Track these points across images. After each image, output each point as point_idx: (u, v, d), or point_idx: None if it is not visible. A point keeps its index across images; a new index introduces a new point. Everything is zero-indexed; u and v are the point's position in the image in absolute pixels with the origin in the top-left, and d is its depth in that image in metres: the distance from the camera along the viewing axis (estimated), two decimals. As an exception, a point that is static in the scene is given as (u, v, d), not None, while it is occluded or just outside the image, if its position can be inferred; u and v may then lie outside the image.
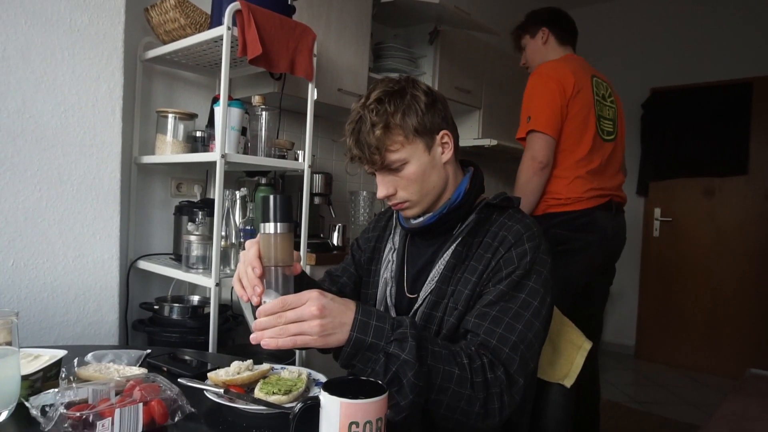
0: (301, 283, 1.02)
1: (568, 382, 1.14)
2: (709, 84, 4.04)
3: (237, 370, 0.98)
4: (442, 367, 0.85)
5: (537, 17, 2.26)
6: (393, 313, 1.10)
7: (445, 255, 1.04)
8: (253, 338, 0.82)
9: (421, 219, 1.08)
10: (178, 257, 2.01)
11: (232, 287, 2.09)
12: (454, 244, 1.04)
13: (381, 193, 1.05)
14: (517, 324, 0.92)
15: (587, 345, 1.16)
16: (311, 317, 0.79)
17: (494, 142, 3.30)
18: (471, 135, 3.40)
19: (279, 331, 0.80)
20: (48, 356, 0.94)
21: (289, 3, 1.93)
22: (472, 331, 0.94)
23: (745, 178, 3.90)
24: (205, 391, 0.91)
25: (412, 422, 0.86)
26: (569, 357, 1.16)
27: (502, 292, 0.95)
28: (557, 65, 2.07)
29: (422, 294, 1.05)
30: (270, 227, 0.86)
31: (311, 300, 0.80)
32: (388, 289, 1.13)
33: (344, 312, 0.82)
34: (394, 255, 1.15)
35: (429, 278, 1.05)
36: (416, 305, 1.05)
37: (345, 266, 1.26)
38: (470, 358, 0.88)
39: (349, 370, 0.88)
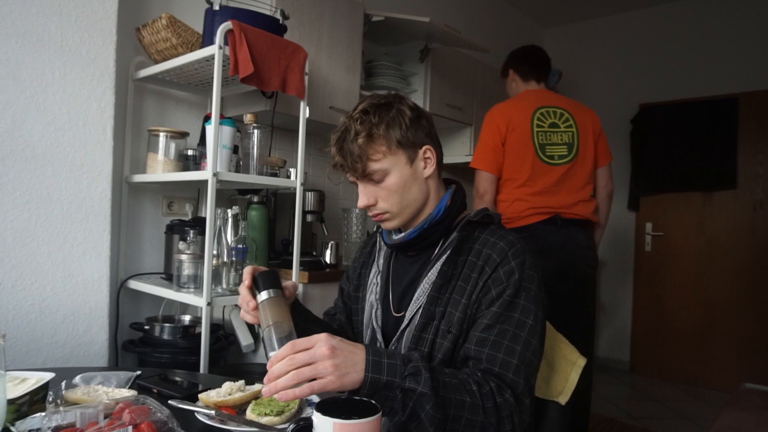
0: (297, 310, 1.05)
1: (563, 399, 1.13)
2: (696, 99, 4.10)
3: (229, 390, 0.96)
4: (454, 396, 0.84)
5: (506, 61, 2.60)
6: (379, 335, 1.10)
7: (429, 274, 1.04)
8: (266, 391, 0.78)
9: (402, 234, 1.09)
10: (169, 276, 1.99)
11: (224, 306, 2.09)
12: (439, 263, 1.04)
13: (362, 202, 1.06)
14: (516, 346, 0.93)
15: (581, 361, 1.16)
16: (323, 358, 0.77)
17: (486, 159, 3.32)
18: (462, 151, 3.42)
19: (293, 376, 0.76)
20: (35, 379, 0.93)
21: (281, 22, 1.94)
22: (474, 358, 0.94)
23: (734, 192, 3.94)
24: (196, 413, 0.90)
25: None
26: (564, 374, 1.15)
27: (497, 314, 0.95)
28: (500, 108, 2.38)
29: (408, 314, 1.04)
30: (263, 295, 0.94)
31: (321, 341, 0.79)
32: (374, 311, 1.12)
33: (354, 352, 0.81)
34: (379, 277, 1.15)
35: (414, 297, 1.04)
36: (403, 324, 1.05)
37: (336, 302, 1.27)
38: (479, 385, 0.88)
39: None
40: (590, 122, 2.38)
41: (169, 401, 0.91)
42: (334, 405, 0.68)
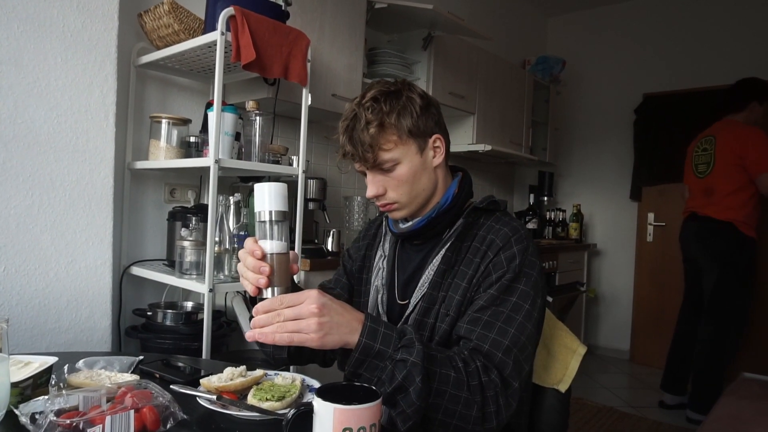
0: None
1: (563, 387, 1.14)
2: (700, 89, 4.06)
3: (230, 376, 0.97)
4: (439, 369, 0.84)
5: None
6: (384, 320, 1.10)
7: (434, 260, 1.04)
8: (249, 336, 0.81)
9: (410, 223, 1.08)
10: (171, 263, 2.00)
11: (226, 293, 2.10)
12: (443, 250, 1.04)
13: (371, 192, 1.04)
14: (509, 328, 0.92)
15: (582, 349, 1.16)
16: (309, 315, 0.79)
17: (488, 147, 3.31)
18: (465, 140, 3.41)
19: (276, 329, 0.79)
20: (38, 363, 0.93)
21: (283, 8, 1.93)
22: (464, 337, 0.94)
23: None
24: (197, 398, 0.90)
25: None
26: (564, 361, 1.16)
27: (493, 296, 0.95)
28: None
29: (413, 300, 1.05)
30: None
31: (310, 298, 0.80)
32: (380, 296, 1.12)
33: (342, 314, 0.82)
34: (385, 262, 1.14)
35: (419, 284, 1.05)
36: (407, 311, 1.05)
37: (337, 277, 1.25)
38: (465, 362, 0.88)
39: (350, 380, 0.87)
40: (731, 143, 2.97)
41: (171, 386, 0.92)
42: (335, 390, 0.68)
